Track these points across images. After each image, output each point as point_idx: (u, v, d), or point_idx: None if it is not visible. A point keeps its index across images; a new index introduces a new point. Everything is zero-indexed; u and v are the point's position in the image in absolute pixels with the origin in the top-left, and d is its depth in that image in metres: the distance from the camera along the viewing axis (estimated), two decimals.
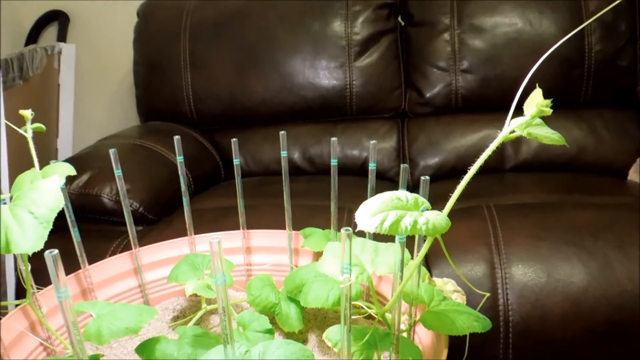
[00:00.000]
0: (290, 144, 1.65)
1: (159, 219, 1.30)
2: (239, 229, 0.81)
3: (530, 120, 0.39)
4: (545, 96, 1.53)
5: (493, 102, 1.54)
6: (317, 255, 0.80)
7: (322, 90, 1.61)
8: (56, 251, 0.38)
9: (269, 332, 0.64)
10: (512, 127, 0.41)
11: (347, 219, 1.17)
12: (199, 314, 0.69)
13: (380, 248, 0.55)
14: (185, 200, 0.79)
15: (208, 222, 1.17)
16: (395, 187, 1.52)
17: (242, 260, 0.82)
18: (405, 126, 1.65)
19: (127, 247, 1.09)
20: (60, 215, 0.52)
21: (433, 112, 1.61)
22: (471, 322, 0.55)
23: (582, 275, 1.00)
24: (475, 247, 1.07)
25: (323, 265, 0.53)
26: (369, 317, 0.68)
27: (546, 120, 1.49)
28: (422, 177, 0.52)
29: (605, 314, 0.97)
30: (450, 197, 0.64)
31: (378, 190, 0.86)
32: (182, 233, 0.83)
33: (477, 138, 1.53)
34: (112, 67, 1.93)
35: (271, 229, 0.84)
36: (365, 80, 1.60)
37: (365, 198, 0.89)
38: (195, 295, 0.82)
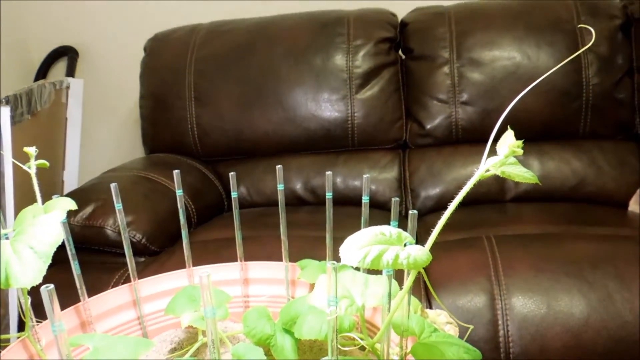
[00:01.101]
0: (292, 175, 1.67)
1: (162, 250, 1.32)
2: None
3: (504, 160, 0.40)
4: (544, 128, 1.55)
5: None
6: (313, 287, 0.81)
7: (325, 122, 1.63)
8: (52, 286, 0.40)
9: None
10: (487, 165, 0.42)
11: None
12: (195, 346, 0.70)
13: (370, 280, 0.56)
14: (184, 233, 0.80)
15: (209, 253, 1.18)
16: (399, 217, 1.53)
17: (239, 291, 0.83)
18: (406, 157, 1.67)
19: (129, 279, 1.11)
20: (63, 247, 0.54)
21: (434, 143, 1.63)
22: (461, 354, 0.56)
23: (582, 307, 1.00)
24: (475, 277, 1.07)
25: (314, 298, 0.54)
26: (363, 348, 0.68)
27: (546, 152, 1.50)
28: (411, 211, 0.53)
29: (605, 346, 0.97)
30: (450, 227, 0.65)
31: (377, 220, 0.88)
32: (184, 264, 0.84)
33: (477, 169, 1.55)
34: (120, 100, 1.98)
35: (272, 259, 0.85)
36: (366, 112, 1.63)
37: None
38: (193, 327, 0.83)
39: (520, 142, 0.41)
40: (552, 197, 1.47)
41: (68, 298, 0.75)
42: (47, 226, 0.55)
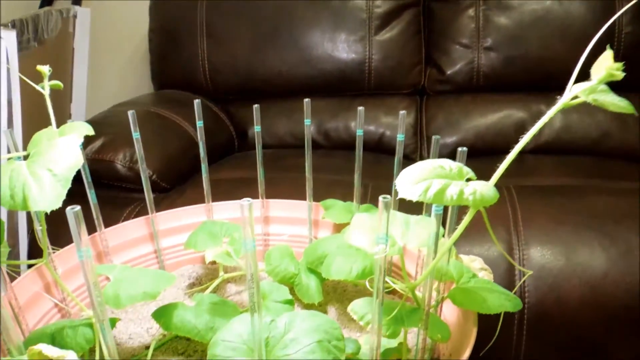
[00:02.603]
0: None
1: (172, 187, 1.29)
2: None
3: (596, 86, 0.36)
4: (569, 77, 1.49)
5: (516, 82, 1.50)
6: (338, 227, 0.78)
7: (341, 64, 1.57)
8: (78, 207, 0.36)
9: (289, 302, 0.62)
10: (574, 92, 0.38)
11: (364, 194, 1.15)
12: (217, 281, 0.68)
13: (411, 221, 0.52)
14: (204, 167, 0.77)
15: (223, 193, 1.15)
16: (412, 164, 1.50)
17: (259, 230, 0.80)
18: (423, 104, 1.61)
19: (140, 215, 1.08)
20: (73, 180, 0.50)
21: (453, 90, 1.58)
22: (502, 301, 0.53)
23: (602, 261, 0.98)
24: (493, 227, 1.04)
25: (351, 237, 0.50)
26: (393, 292, 0.66)
27: (569, 104, 1.44)
28: (460, 148, 0.49)
29: (623, 300, 0.95)
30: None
31: (392, 166, 0.84)
32: (195, 202, 0.81)
33: (497, 118, 1.50)
34: (127, 33, 1.90)
35: None
36: (384, 54, 1.56)
37: (383, 174, 0.87)
38: (212, 263, 0.80)
39: (620, 65, 0.36)
40: (573, 150, 1.42)
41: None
42: (65, 149, 0.51)
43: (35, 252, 1.15)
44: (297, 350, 0.42)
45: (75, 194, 0.65)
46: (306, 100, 0.74)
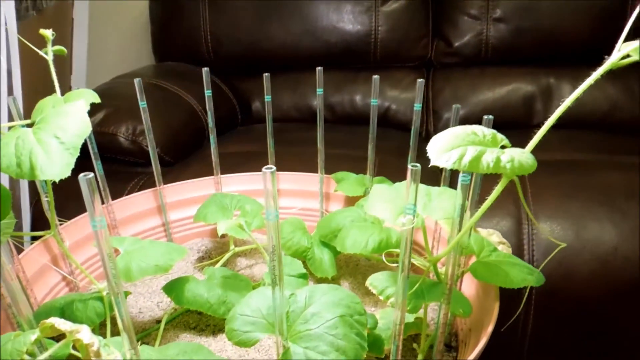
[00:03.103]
0: (310, 91, 1.59)
1: (175, 162, 1.26)
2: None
3: None
4: (581, 50, 1.45)
5: (525, 55, 1.47)
6: (350, 200, 0.76)
7: (346, 35, 1.54)
8: (91, 174, 0.34)
9: (303, 277, 0.60)
10: (625, 51, 0.36)
11: (370, 168, 1.13)
12: (227, 255, 0.66)
13: (433, 193, 0.51)
14: (213, 138, 0.75)
15: (228, 167, 1.13)
16: (418, 139, 1.47)
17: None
18: (430, 76, 1.58)
19: (143, 189, 1.06)
20: None
21: (461, 63, 1.54)
22: (525, 275, 0.52)
23: (612, 236, 0.96)
24: (502, 202, 1.03)
25: (372, 209, 0.49)
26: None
27: (580, 76, 1.41)
28: (485, 117, 0.47)
29: (632, 274, 0.94)
30: None
31: (399, 141, 0.82)
32: (201, 176, 0.78)
33: (505, 91, 1.47)
34: (127, 3, 1.86)
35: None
36: (391, 26, 1.53)
37: (389, 148, 0.84)
38: (221, 236, 0.79)
39: None
40: (582, 124, 1.40)
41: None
42: (73, 116, 0.49)
43: (38, 225, 1.13)
44: (319, 325, 0.41)
45: (77, 166, 0.63)
46: (319, 68, 0.72)
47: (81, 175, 0.34)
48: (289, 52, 1.58)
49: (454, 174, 0.66)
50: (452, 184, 0.55)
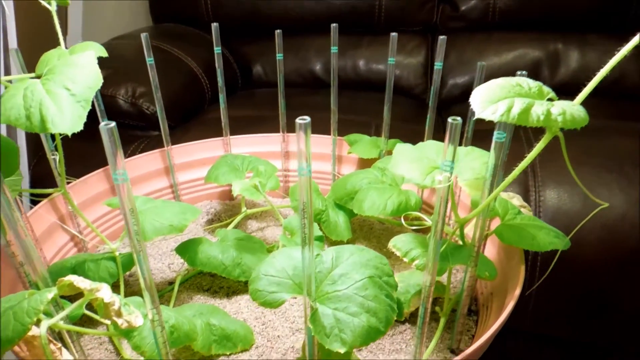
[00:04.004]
0: (312, 56, 1.55)
1: (176, 125, 1.23)
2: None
3: None
4: (589, 16, 1.41)
5: (533, 19, 1.44)
6: (363, 163, 0.74)
7: None
8: (113, 123, 0.32)
9: (319, 239, 0.59)
10: None
11: (376, 134, 1.11)
12: (239, 217, 0.64)
13: (460, 153, 0.49)
14: (222, 97, 0.72)
15: (231, 131, 1.11)
16: (421, 105, 1.45)
17: (279, 165, 0.76)
18: (435, 42, 1.55)
19: (144, 152, 1.04)
20: None
21: (466, 28, 1.51)
22: (552, 239, 0.50)
23: (620, 202, 0.95)
24: (509, 168, 1.01)
25: (399, 168, 0.47)
26: (419, 230, 0.63)
27: (588, 42, 1.38)
28: (519, 72, 0.45)
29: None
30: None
31: (403, 106, 0.80)
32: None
33: (512, 57, 1.44)
34: None
35: None
36: None
37: (395, 114, 0.82)
38: (230, 199, 0.77)
39: None
40: (592, 91, 1.38)
41: (90, 167, 0.67)
42: (83, 67, 0.46)
43: (38, 186, 1.11)
44: (348, 286, 0.39)
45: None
46: (333, 25, 0.69)
47: (102, 124, 0.31)
48: (291, 15, 1.53)
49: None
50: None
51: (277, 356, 0.49)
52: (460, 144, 0.56)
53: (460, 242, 0.50)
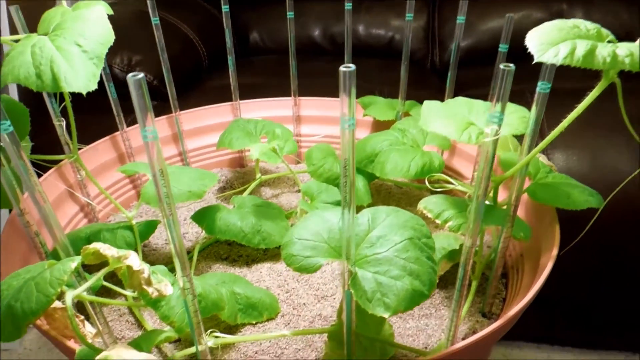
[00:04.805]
0: (311, 22, 1.51)
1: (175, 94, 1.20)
2: None
3: None
4: None
5: None
6: (377, 125, 0.72)
7: None
8: (141, 74, 0.29)
9: (339, 204, 0.57)
10: None
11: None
12: (254, 183, 0.62)
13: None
14: (231, 59, 0.69)
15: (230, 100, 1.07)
16: (423, 70, 1.42)
17: (291, 130, 0.73)
18: (436, 5, 1.51)
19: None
20: None
21: None
22: (586, 197, 0.49)
23: (629, 162, 0.94)
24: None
25: (431, 125, 0.44)
26: (446, 192, 0.61)
27: (592, 4, 1.34)
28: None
29: None
30: (486, 81, 0.55)
31: (409, 72, 0.77)
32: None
33: (516, 18, 1.41)
34: None
35: None
36: None
37: (397, 80, 0.80)
38: (241, 166, 0.74)
39: None
40: None
41: (94, 135, 0.64)
42: (93, 22, 0.43)
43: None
44: (387, 249, 0.37)
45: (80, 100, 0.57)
46: None
47: (129, 75, 0.29)
48: None
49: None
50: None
51: (305, 324, 0.48)
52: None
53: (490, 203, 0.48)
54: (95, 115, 0.69)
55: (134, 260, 0.34)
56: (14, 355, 0.98)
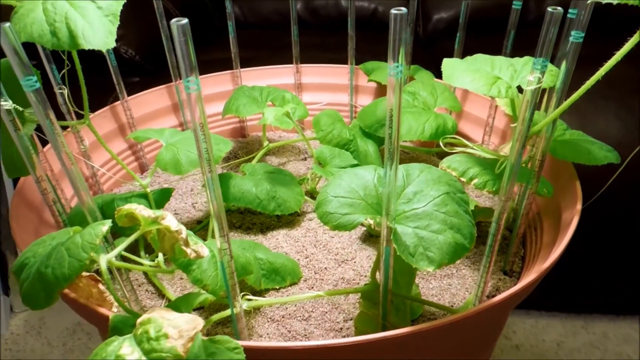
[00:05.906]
0: None
1: (157, 70, 1.16)
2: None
3: None
4: None
5: None
6: (381, 92, 0.71)
7: None
8: (185, 20, 0.27)
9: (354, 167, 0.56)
10: None
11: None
12: (262, 151, 0.61)
13: (517, 63, 0.46)
14: (231, 25, 0.67)
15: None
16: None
17: None
18: None
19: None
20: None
21: None
22: (605, 153, 0.49)
23: (617, 129, 0.95)
24: None
25: (457, 80, 0.44)
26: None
27: None
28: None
29: (638, 165, 0.94)
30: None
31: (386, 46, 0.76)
32: None
33: None
34: None
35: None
36: None
37: (382, 52, 0.79)
38: (243, 136, 0.73)
39: None
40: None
41: (92, 106, 0.62)
42: None
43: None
44: (426, 204, 0.36)
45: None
46: None
47: (173, 20, 0.27)
48: None
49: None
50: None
51: (329, 287, 0.47)
52: None
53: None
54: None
55: (171, 220, 0.32)
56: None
